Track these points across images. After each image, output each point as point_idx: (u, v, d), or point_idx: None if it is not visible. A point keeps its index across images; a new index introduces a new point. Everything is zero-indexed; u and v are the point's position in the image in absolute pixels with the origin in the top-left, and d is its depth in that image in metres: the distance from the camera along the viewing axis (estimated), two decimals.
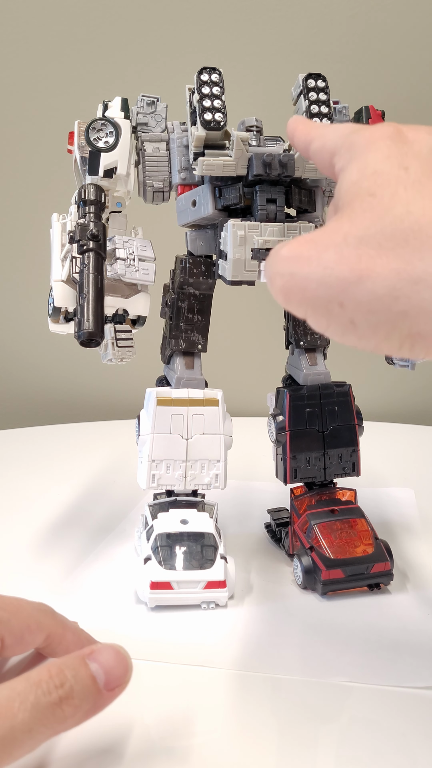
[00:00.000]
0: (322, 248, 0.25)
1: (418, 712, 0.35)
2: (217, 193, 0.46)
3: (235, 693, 0.37)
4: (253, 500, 0.65)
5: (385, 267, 0.23)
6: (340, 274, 0.24)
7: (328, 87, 0.46)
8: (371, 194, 0.25)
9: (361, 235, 0.24)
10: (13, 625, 0.31)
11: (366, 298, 0.23)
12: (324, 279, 0.24)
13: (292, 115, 0.48)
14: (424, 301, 0.22)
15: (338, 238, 0.25)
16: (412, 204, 0.24)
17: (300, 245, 0.26)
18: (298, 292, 0.25)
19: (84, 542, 0.56)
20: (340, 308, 0.24)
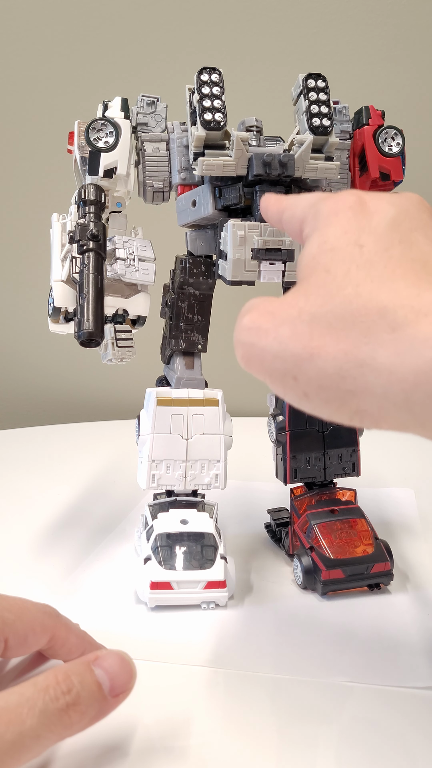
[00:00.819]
0: (278, 322, 0.26)
1: (418, 712, 0.35)
2: (217, 193, 0.46)
3: (235, 693, 0.37)
4: (253, 500, 0.65)
5: (334, 347, 0.24)
6: (293, 350, 0.25)
7: (328, 87, 0.46)
8: (326, 270, 0.26)
9: (314, 313, 0.25)
10: (18, 627, 0.31)
11: (316, 375, 0.25)
12: (279, 353, 0.26)
13: (292, 115, 0.48)
14: (369, 383, 0.23)
15: (294, 313, 0.26)
16: (361, 286, 0.25)
17: (260, 316, 0.27)
18: (257, 362, 0.27)
19: (84, 542, 0.56)
20: (294, 381, 0.25)
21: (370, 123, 0.50)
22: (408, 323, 0.23)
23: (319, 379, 0.24)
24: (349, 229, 0.27)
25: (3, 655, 0.31)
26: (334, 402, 0.25)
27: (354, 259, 0.25)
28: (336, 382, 0.24)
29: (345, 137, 0.51)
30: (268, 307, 0.27)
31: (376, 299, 0.24)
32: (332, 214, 0.28)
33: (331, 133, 0.46)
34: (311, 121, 0.45)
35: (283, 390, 0.26)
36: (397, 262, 0.25)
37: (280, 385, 0.26)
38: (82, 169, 0.48)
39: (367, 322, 0.24)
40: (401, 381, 0.22)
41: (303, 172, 0.45)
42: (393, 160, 0.50)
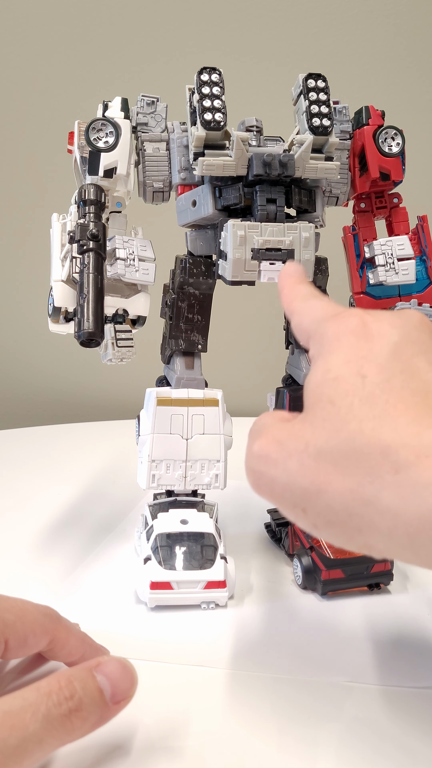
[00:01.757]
0: (286, 454, 0.27)
1: (418, 712, 0.35)
2: (217, 193, 0.46)
3: (235, 693, 0.37)
4: (253, 500, 0.64)
5: (341, 485, 0.25)
6: (301, 483, 0.26)
7: (328, 87, 0.46)
8: (331, 402, 0.26)
9: (320, 447, 0.26)
10: (18, 628, 0.31)
11: (324, 510, 0.25)
12: (288, 485, 0.26)
13: (292, 115, 0.48)
14: (374, 523, 0.24)
15: (300, 446, 0.26)
16: (364, 422, 0.25)
17: (268, 444, 0.27)
18: (267, 490, 0.27)
19: (84, 542, 0.56)
20: (304, 513, 0.26)
21: (370, 123, 0.50)
22: (410, 465, 0.23)
23: (327, 515, 0.25)
24: (352, 358, 0.27)
25: (3, 656, 0.31)
26: (342, 536, 0.25)
27: (357, 392, 0.26)
28: (343, 518, 0.25)
29: (345, 137, 0.51)
30: (277, 435, 0.28)
31: (379, 437, 0.24)
32: (335, 339, 0.28)
33: (331, 133, 0.46)
34: (311, 121, 0.45)
35: (293, 518, 0.27)
36: (398, 396, 0.25)
37: (291, 514, 0.27)
38: (82, 169, 0.49)
39: (371, 462, 0.24)
40: (406, 524, 0.23)
41: (303, 172, 0.45)
42: (393, 160, 0.50)
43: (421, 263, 0.52)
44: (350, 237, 0.54)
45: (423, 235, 0.52)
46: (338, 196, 0.52)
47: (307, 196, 0.47)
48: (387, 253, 0.50)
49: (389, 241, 0.51)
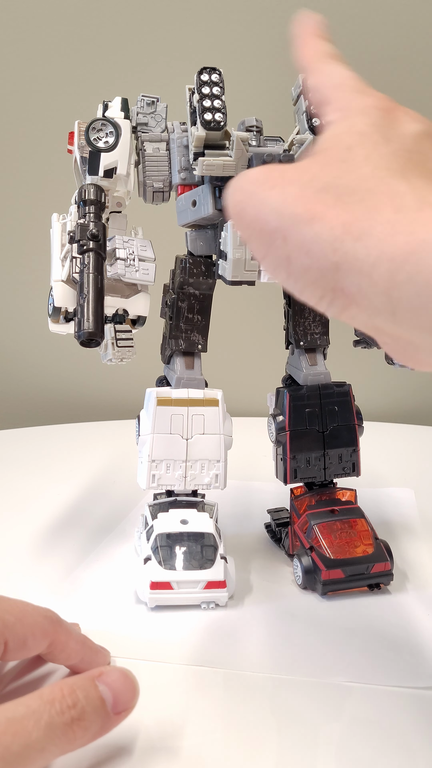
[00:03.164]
0: (287, 181, 0.26)
1: (418, 712, 0.35)
2: (217, 193, 0.46)
3: (235, 693, 0.37)
4: (253, 500, 0.65)
5: (336, 217, 0.24)
6: (295, 209, 0.25)
7: None
8: (348, 148, 0.26)
9: (327, 182, 0.25)
10: (18, 630, 0.31)
11: (309, 239, 0.24)
12: (278, 208, 0.25)
13: (292, 115, 0.48)
14: (358, 259, 0.23)
15: (306, 177, 0.25)
16: (379, 169, 0.25)
17: (269, 171, 0.26)
18: (252, 212, 0.26)
19: (84, 542, 0.56)
20: (283, 242, 0.25)
21: None
22: (414, 209, 0.23)
23: (309, 244, 0.24)
24: (380, 124, 0.27)
25: (2, 657, 0.31)
26: (314, 272, 0.24)
27: (378, 148, 0.25)
28: (326, 250, 0.24)
29: None
30: (279, 167, 0.27)
31: (390, 183, 0.24)
32: (363, 109, 0.28)
33: None
34: (311, 121, 0.45)
35: (265, 249, 0.26)
36: (415, 165, 0.25)
37: (266, 243, 0.25)
38: (82, 169, 0.49)
39: (375, 201, 0.23)
40: (390, 259, 0.22)
41: None
42: None
43: None
44: None
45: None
46: None
47: None
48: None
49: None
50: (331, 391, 0.51)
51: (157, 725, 0.34)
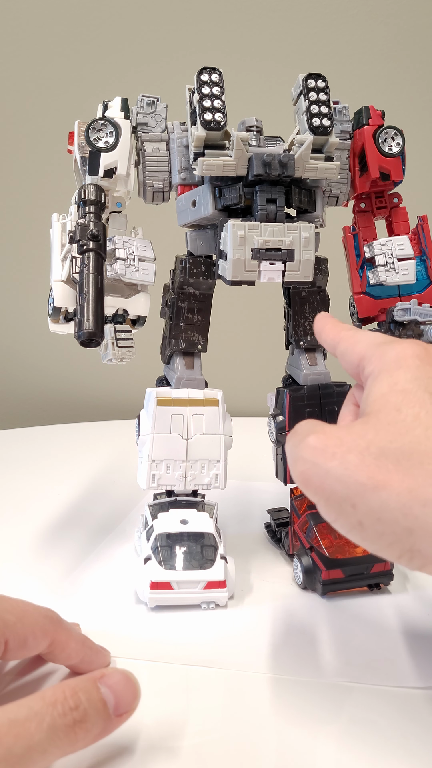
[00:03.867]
0: (346, 449, 0.27)
1: (418, 712, 0.35)
2: (217, 193, 0.46)
3: (235, 693, 0.37)
4: (253, 500, 0.65)
5: (400, 483, 0.25)
6: (358, 478, 0.26)
7: (328, 87, 0.46)
8: (397, 410, 0.27)
9: (383, 447, 0.26)
10: (18, 630, 0.31)
11: (378, 507, 0.25)
12: (343, 478, 0.26)
13: (292, 115, 0.48)
14: (429, 524, 0.24)
15: (362, 444, 0.27)
16: (430, 429, 0.26)
17: (327, 439, 0.28)
18: (318, 482, 0.27)
19: (84, 542, 0.56)
20: (352, 509, 0.26)
21: (370, 123, 0.50)
22: None
23: (379, 512, 0.25)
24: (420, 376, 0.28)
25: (2, 657, 0.31)
26: (388, 537, 0.25)
27: (424, 405, 0.27)
28: (396, 517, 0.25)
29: (345, 137, 0.51)
30: (336, 433, 0.28)
31: None
32: (401, 359, 0.29)
33: (331, 133, 0.46)
34: (311, 121, 0.45)
35: (336, 515, 0.27)
36: None
37: (336, 509, 0.27)
38: (82, 169, 0.49)
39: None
40: None
41: (303, 172, 0.45)
42: (393, 160, 0.50)
43: (421, 263, 0.52)
44: (350, 237, 0.54)
45: (423, 235, 0.52)
46: (338, 196, 0.52)
47: (307, 196, 0.47)
48: (387, 253, 0.50)
49: (389, 241, 0.51)
50: (331, 390, 0.51)
51: (157, 725, 0.34)
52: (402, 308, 0.50)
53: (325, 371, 0.52)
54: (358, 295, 0.53)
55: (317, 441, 0.28)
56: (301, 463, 0.28)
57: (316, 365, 0.52)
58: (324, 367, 0.52)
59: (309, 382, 0.51)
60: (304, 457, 0.28)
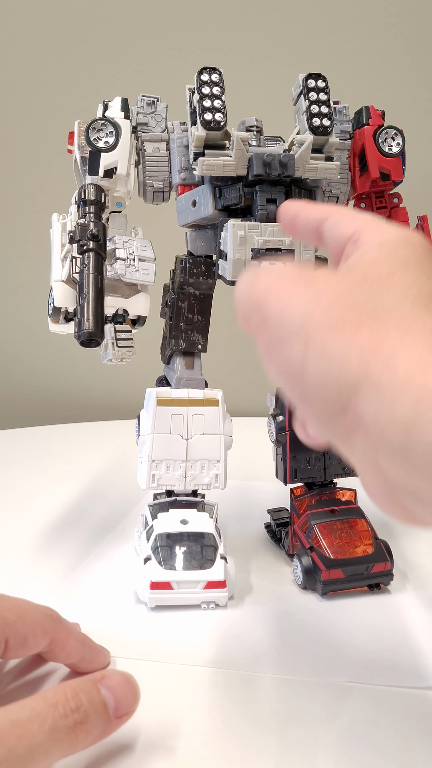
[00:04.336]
0: (323, 285, 0.24)
1: (418, 712, 0.35)
2: (217, 193, 0.46)
3: (235, 693, 0.37)
4: (253, 500, 0.65)
5: (370, 335, 0.22)
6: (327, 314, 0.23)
7: (328, 87, 0.46)
8: (390, 274, 0.24)
9: (363, 299, 0.23)
10: (18, 629, 0.31)
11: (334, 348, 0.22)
12: (308, 309, 0.23)
13: (292, 115, 0.48)
14: (382, 384, 0.21)
15: (341, 288, 0.24)
16: (418, 301, 0.23)
17: (305, 270, 0.25)
18: (276, 302, 0.25)
19: (84, 542, 0.56)
20: (302, 344, 0.23)
21: (370, 123, 0.50)
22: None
23: (333, 353, 0.22)
24: (424, 263, 0.25)
25: (2, 656, 0.31)
26: (329, 385, 0.22)
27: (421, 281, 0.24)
28: (349, 365, 0.22)
29: (345, 137, 0.51)
30: (315, 271, 0.25)
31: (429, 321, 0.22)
32: (409, 240, 0.26)
33: (331, 133, 0.46)
34: (311, 121, 0.45)
35: (280, 347, 0.24)
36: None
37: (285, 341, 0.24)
38: (82, 169, 0.49)
39: (412, 331, 0.22)
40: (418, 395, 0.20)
41: (303, 172, 0.45)
42: (393, 160, 0.50)
43: None
44: None
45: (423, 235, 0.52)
46: (338, 196, 0.52)
47: (307, 196, 0.47)
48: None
49: None
50: None
51: (157, 725, 0.34)
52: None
53: None
54: None
55: (294, 268, 0.25)
56: (268, 277, 0.25)
57: None
58: None
59: None
60: (275, 273, 0.25)
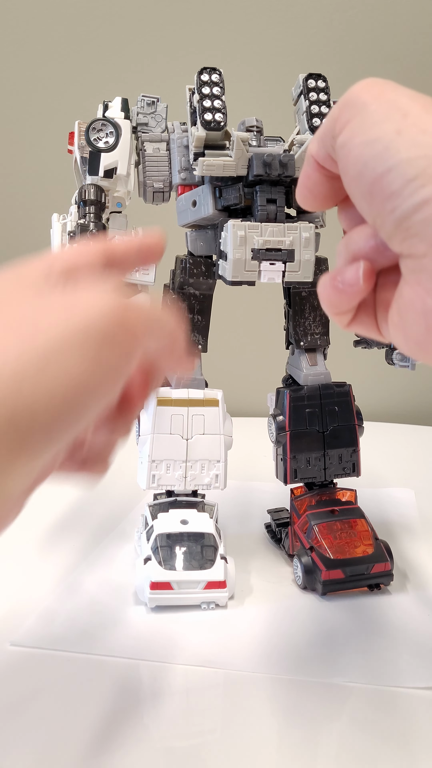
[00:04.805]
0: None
1: (418, 712, 0.35)
2: (217, 194, 0.46)
3: (235, 693, 0.37)
4: (253, 500, 0.65)
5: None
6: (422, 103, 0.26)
7: (328, 87, 0.46)
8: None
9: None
10: None
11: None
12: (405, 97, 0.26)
13: (292, 115, 0.48)
14: None
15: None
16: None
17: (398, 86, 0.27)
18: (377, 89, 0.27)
19: (84, 542, 0.56)
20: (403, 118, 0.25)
21: None
22: None
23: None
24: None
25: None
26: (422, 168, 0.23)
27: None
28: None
29: None
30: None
31: None
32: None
33: None
34: (311, 121, 0.45)
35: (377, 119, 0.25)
36: None
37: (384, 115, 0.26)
38: (82, 170, 0.49)
39: None
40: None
41: None
42: None
43: None
44: None
45: None
46: None
47: None
48: None
49: None
50: (331, 391, 0.51)
51: (157, 725, 0.34)
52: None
53: (325, 371, 0.52)
54: None
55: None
56: (361, 83, 0.27)
57: (316, 365, 0.52)
58: (324, 368, 0.52)
59: (309, 382, 0.51)
60: (366, 81, 0.26)
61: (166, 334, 0.26)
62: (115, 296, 0.24)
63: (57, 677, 0.38)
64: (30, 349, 0.20)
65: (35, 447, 0.20)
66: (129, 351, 0.23)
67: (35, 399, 0.20)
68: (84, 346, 0.21)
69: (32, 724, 0.34)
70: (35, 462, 0.20)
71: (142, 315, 0.24)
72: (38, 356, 0.20)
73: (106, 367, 0.22)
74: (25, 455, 0.20)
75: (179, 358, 0.28)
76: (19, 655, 0.40)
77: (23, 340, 0.20)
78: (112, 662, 0.39)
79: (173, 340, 0.27)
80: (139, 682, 0.32)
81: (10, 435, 0.19)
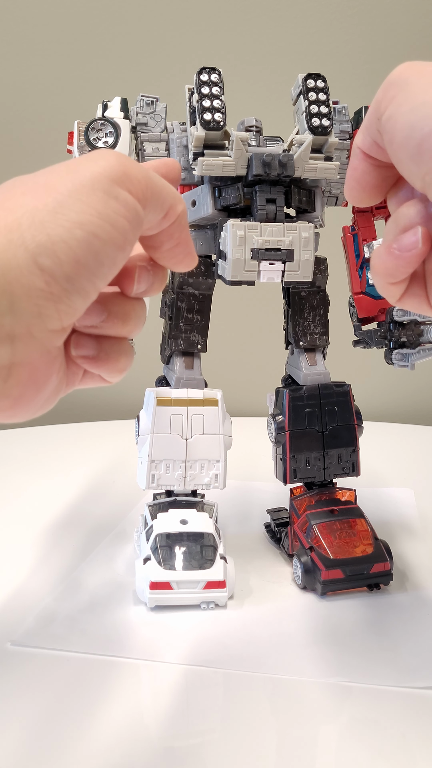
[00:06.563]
0: None
1: (418, 712, 0.35)
2: (216, 193, 0.46)
3: (235, 693, 0.37)
4: (252, 500, 0.65)
5: None
6: None
7: (327, 87, 0.46)
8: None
9: None
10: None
11: None
12: None
13: (291, 115, 0.48)
14: None
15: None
16: None
17: None
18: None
19: (84, 542, 0.56)
20: None
21: None
22: None
23: None
24: None
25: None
26: None
27: None
28: None
29: (344, 137, 0.51)
30: None
31: None
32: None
33: (331, 133, 0.46)
34: (311, 121, 0.45)
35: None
36: None
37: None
38: None
39: None
40: None
41: (302, 172, 0.45)
42: None
43: None
44: (350, 237, 0.54)
45: None
46: (338, 196, 0.52)
47: (306, 196, 0.47)
48: None
49: None
50: (331, 391, 0.51)
51: (157, 725, 0.34)
52: (402, 308, 0.50)
53: (324, 371, 0.52)
54: (357, 295, 0.53)
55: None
56: (401, 67, 0.28)
57: (315, 365, 0.52)
58: (324, 367, 0.52)
59: (309, 382, 0.51)
60: (406, 65, 0.28)
61: (168, 201, 0.27)
62: (117, 155, 0.26)
63: (57, 677, 0.38)
64: (45, 204, 0.23)
65: (61, 292, 0.22)
66: (134, 204, 0.25)
67: (54, 242, 0.22)
68: (92, 194, 0.23)
69: (32, 724, 0.34)
70: (64, 308, 0.23)
71: (143, 170, 0.26)
72: (52, 207, 0.23)
73: (114, 215, 0.24)
74: (54, 299, 0.22)
75: (182, 244, 0.30)
76: (19, 655, 0.40)
77: (38, 198, 0.23)
78: (112, 662, 0.39)
79: (174, 212, 0.28)
80: (139, 682, 0.32)
81: (36, 274, 0.22)
